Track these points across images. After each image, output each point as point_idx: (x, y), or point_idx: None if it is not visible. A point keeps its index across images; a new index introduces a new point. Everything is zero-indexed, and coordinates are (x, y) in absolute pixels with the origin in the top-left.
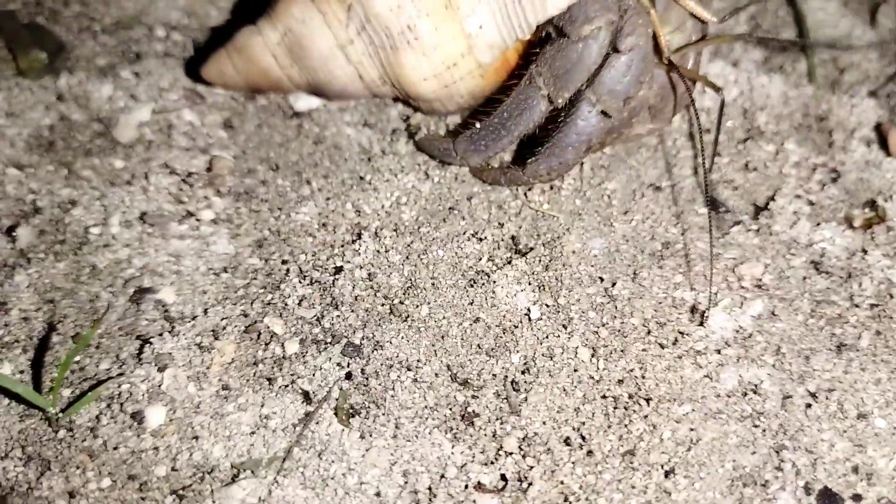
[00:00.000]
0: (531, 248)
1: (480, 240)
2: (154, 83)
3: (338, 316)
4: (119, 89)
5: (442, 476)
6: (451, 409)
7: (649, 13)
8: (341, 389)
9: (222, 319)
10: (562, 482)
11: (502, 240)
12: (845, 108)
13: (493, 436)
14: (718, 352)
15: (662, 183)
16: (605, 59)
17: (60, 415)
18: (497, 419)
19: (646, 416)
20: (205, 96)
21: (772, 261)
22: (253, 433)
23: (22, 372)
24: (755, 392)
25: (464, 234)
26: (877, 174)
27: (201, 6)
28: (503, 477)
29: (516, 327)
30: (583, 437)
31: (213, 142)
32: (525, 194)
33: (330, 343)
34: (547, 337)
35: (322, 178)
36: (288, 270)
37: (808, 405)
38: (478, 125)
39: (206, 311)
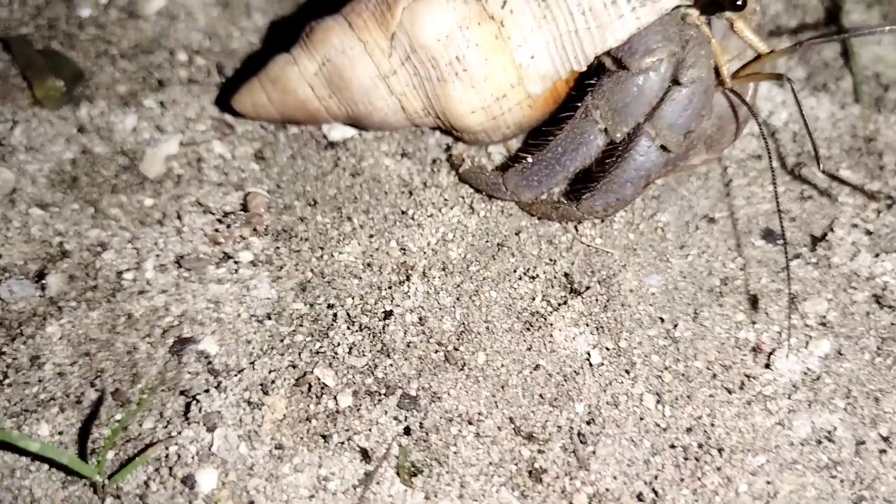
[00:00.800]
0: (587, 287)
1: (533, 278)
2: (180, 113)
3: (391, 364)
4: (143, 120)
5: None
6: (517, 465)
7: (710, 42)
8: (401, 446)
9: (270, 372)
10: None
11: (555, 277)
12: (893, 129)
13: (563, 492)
14: (788, 397)
15: (716, 214)
16: (666, 92)
17: (107, 482)
18: (566, 474)
19: (719, 468)
20: (234, 126)
21: (834, 296)
22: (312, 497)
23: (61, 433)
24: (829, 439)
25: (515, 272)
26: None
27: (222, 27)
28: None
29: (577, 373)
30: (655, 493)
31: (246, 176)
32: (576, 228)
33: (384, 395)
34: (610, 384)
35: (363, 213)
36: (335, 316)
37: (883, 451)
38: (530, 159)
39: (252, 364)
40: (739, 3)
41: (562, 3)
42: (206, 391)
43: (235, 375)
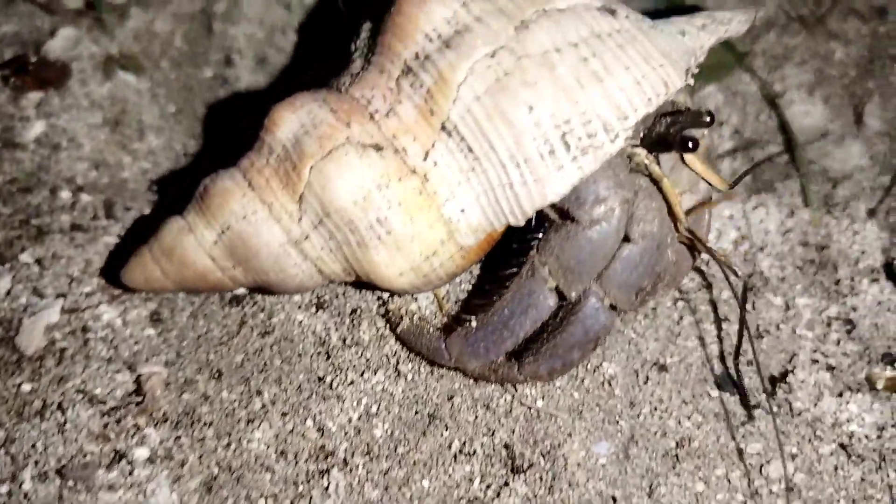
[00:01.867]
0: (530, 464)
1: (470, 455)
2: (62, 271)
3: None
4: (19, 281)
5: None
6: None
7: (662, 181)
8: None
9: None
10: None
11: (494, 451)
12: (846, 235)
13: None
14: None
15: (667, 359)
16: (616, 249)
17: None
18: None
19: None
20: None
21: (798, 449)
22: None
23: None
24: None
25: (450, 448)
26: (892, 318)
27: (111, 152)
28: None
29: None
30: None
31: (140, 347)
32: (515, 387)
33: None
34: None
35: (274, 383)
36: None
37: None
38: (474, 323)
39: None
40: (691, 145)
41: (492, 154)
42: None
43: None
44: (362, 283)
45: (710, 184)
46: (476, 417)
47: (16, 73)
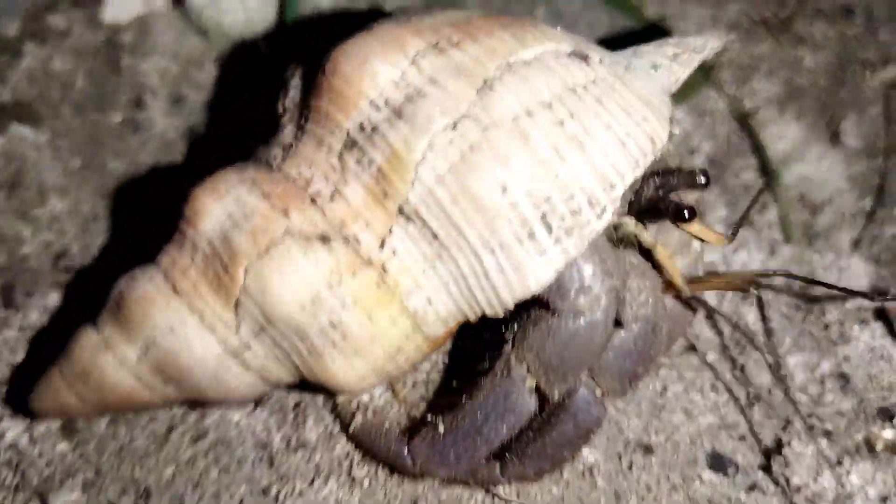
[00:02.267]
0: None
1: None
2: None
3: None
4: None
5: None
6: None
7: (655, 251)
8: None
9: None
10: None
11: None
12: (832, 273)
13: None
14: None
15: (652, 438)
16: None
17: None
18: None
19: None
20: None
21: None
22: None
23: None
24: None
25: None
26: (885, 367)
27: (8, 223)
28: None
29: None
30: None
31: (52, 469)
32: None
33: None
34: None
35: (212, 499)
36: None
37: None
38: (441, 427)
39: None
40: (686, 214)
41: (461, 241)
42: None
43: None
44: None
45: (704, 241)
46: None
47: None
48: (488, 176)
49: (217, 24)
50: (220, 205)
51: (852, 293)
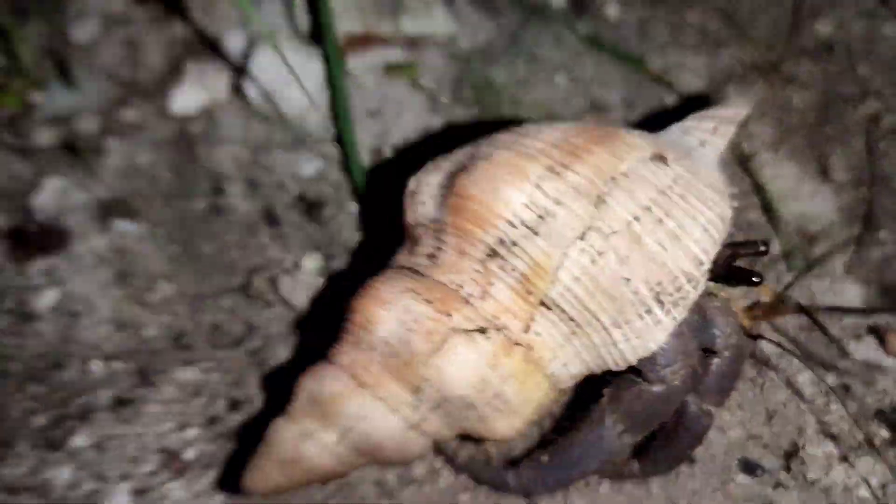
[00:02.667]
0: None
1: None
2: (119, 452)
3: None
4: (80, 468)
5: None
6: None
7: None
8: None
9: None
10: None
11: None
12: (828, 296)
13: None
14: None
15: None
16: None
17: None
18: None
19: None
20: (178, 453)
21: None
22: None
23: None
24: None
25: None
26: (879, 375)
27: (128, 309)
28: None
29: None
30: None
31: None
32: (565, 499)
33: None
34: None
35: None
36: None
37: None
38: (545, 458)
39: None
40: (755, 279)
41: (594, 322)
42: None
43: None
44: None
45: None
46: None
47: (17, 244)
48: (616, 274)
49: (278, 112)
50: (391, 314)
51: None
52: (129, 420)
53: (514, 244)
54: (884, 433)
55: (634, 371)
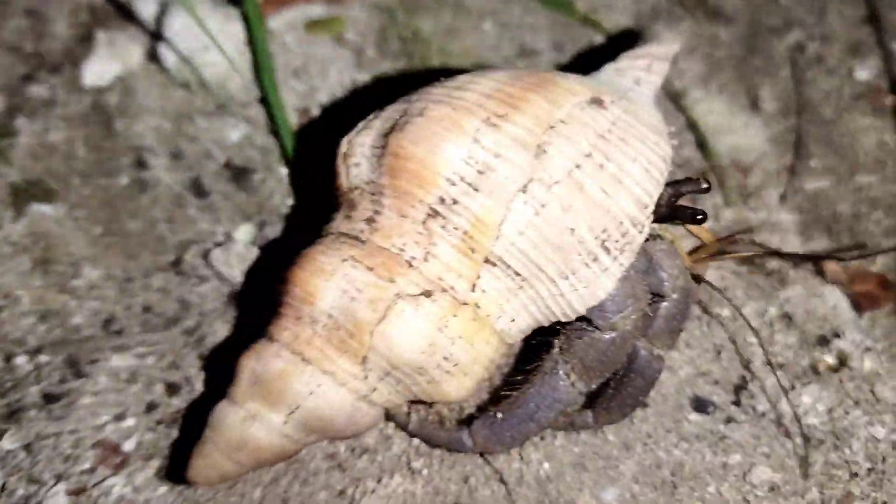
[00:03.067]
0: None
1: None
2: (52, 451)
3: None
4: (11, 474)
5: None
6: None
7: (675, 244)
8: None
9: None
10: None
11: None
12: (766, 227)
13: None
14: None
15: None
16: (656, 309)
17: None
18: None
19: None
20: (118, 445)
21: (769, 448)
22: None
23: None
24: None
25: None
26: (818, 302)
27: (52, 298)
28: None
29: None
30: None
31: None
32: (521, 455)
33: None
34: None
35: None
36: None
37: None
38: (499, 414)
39: None
40: (699, 217)
41: (540, 274)
42: None
43: None
44: None
45: (701, 240)
46: (492, 492)
47: None
48: (559, 224)
49: (198, 78)
50: (332, 283)
51: (811, 257)
52: (61, 416)
53: (455, 202)
54: (828, 359)
55: (584, 320)
